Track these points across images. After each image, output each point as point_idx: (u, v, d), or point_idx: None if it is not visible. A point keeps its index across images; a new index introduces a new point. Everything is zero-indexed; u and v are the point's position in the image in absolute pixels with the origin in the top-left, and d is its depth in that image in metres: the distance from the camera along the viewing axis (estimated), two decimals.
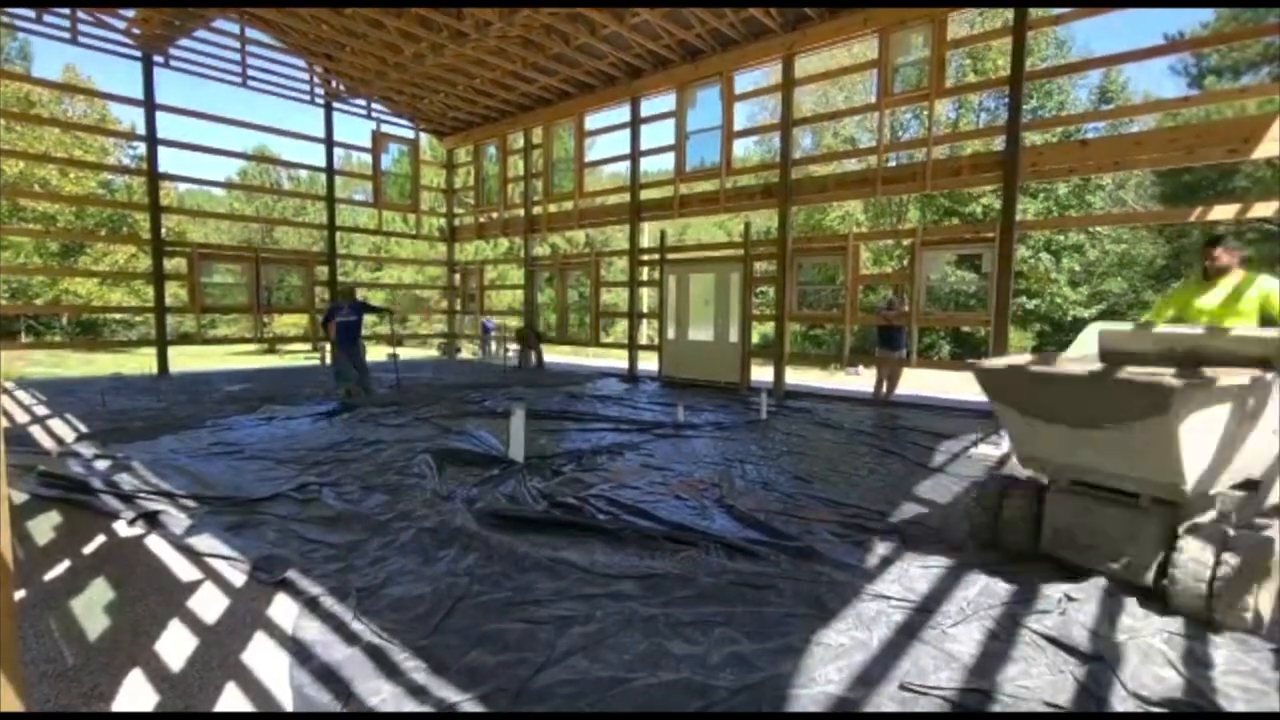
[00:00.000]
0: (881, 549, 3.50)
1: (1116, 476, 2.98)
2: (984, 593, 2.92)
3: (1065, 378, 2.93)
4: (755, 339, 10.93)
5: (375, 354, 12.47)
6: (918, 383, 11.99)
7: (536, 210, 14.31)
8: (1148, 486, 2.90)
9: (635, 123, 12.22)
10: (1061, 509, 3.20)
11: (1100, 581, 2.96)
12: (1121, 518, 2.99)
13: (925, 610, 2.75)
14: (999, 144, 8.54)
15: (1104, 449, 2.91)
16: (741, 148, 26.95)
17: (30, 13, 10.43)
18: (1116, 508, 3.02)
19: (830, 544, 3.55)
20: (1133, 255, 24.48)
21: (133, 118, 30.64)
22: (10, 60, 28.00)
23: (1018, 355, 3.70)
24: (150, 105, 11.73)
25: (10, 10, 10.39)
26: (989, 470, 5.28)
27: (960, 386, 11.74)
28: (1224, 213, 7.39)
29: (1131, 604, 2.78)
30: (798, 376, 13.23)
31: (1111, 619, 2.66)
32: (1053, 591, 2.89)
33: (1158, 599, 2.79)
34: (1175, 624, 2.62)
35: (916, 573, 3.16)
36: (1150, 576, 2.86)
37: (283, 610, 2.75)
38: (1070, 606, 2.75)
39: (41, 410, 7.69)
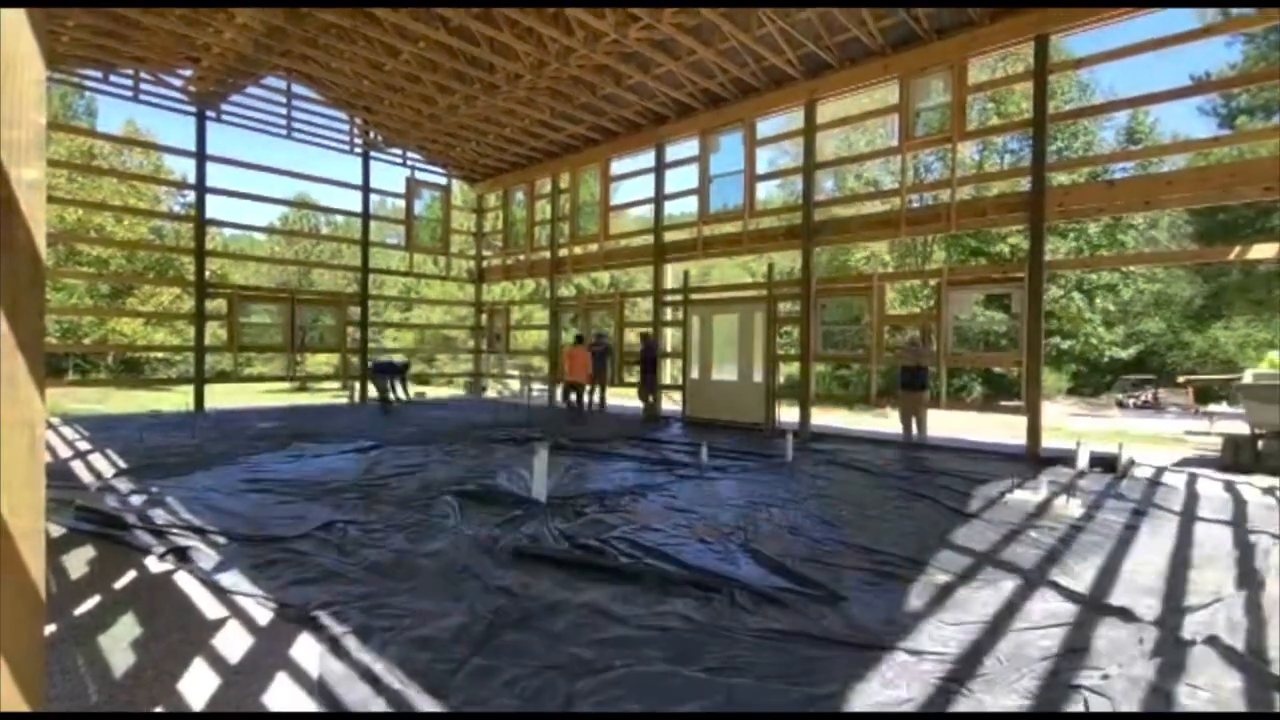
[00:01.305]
0: (915, 600, 3.37)
1: None
2: (1020, 652, 2.78)
3: None
4: (780, 379, 10.86)
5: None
6: (948, 424, 11.73)
7: (562, 252, 14.62)
8: None
9: (659, 167, 12.51)
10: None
11: (1183, 654, 2.64)
12: None
13: (961, 669, 2.63)
14: (1025, 185, 8.53)
15: None
16: (764, 190, 27.33)
17: (97, 72, 11.25)
18: None
19: (861, 592, 3.44)
20: (1169, 295, 23.94)
21: (184, 168, 32.43)
22: (77, 117, 30.02)
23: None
24: (201, 156, 12.42)
25: (79, 71, 11.21)
26: (1027, 517, 5.09)
27: (992, 429, 11.43)
28: (1265, 251, 7.22)
29: (1208, 677, 2.60)
30: (824, 417, 13.04)
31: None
32: (1114, 658, 2.73)
33: None
34: None
35: (950, 629, 3.02)
36: None
37: (306, 650, 2.74)
38: (1125, 674, 2.58)
39: (83, 445, 7.94)
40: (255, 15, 9.11)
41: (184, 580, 3.53)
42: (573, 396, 12.63)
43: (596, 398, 12.91)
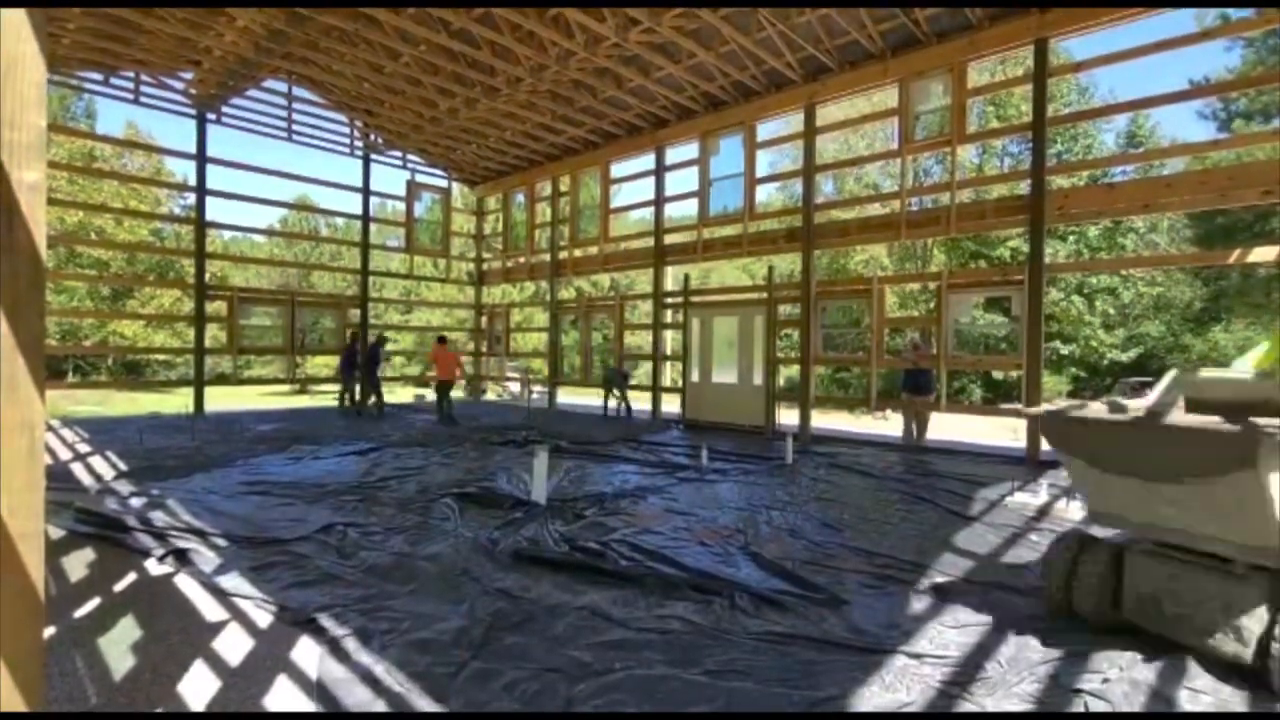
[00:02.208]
0: (916, 603, 3.36)
1: (1205, 538, 2.66)
2: (1020, 655, 2.77)
3: (1135, 426, 2.68)
4: (780, 382, 10.85)
5: (404, 395, 12.64)
6: (948, 427, 11.72)
7: (562, 255, 14.62)
8: (1242, 551, 2.56)
9: (659, 170, 12.53)
10: (1144, 573, 2.85)
11: (1183, 658, 2.64)
12: (1214, 586, 2.63)
13: (962, 672, 2.62)
14: (1024, 188, 8.54)
15: (1187, 506, 2.63)
16: (764, 193, 27.36)
17: (98, 75, 11.26)
18: (1208, 574, 2.67)
19: (862, 596, 3.43)
20: (1169, 298, 23.95)
21: (185, 170, 32.47)
22: (77, 119, 30.06)
23: (1066, 401, 3.47)
24: (201, 158, 12.44)
25: (79, 74, 11.23)
26: (1028, 520, 5.08)
27: (992, 432, 11.43)
28: (1264, 254, 7.22)
29: (1209, 680, 2.53)
30: (824, 420, 13.03)
31: (1171, 694, 2.49)
32: (1115, 661, 2.72)
33: (1259, 680, 2.48)
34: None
35: (951, 632, 3.02)
36: (1250, 654, 2.49)
37: (306, 653, 2.73)
38: (1127, 677, 2.57)
39: (83, 447, 7.93)
40: (256, 18, 9.13)
41: (184, 583, 3.53)
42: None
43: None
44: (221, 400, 16.10)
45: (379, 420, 11.73)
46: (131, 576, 3.60)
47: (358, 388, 12.82)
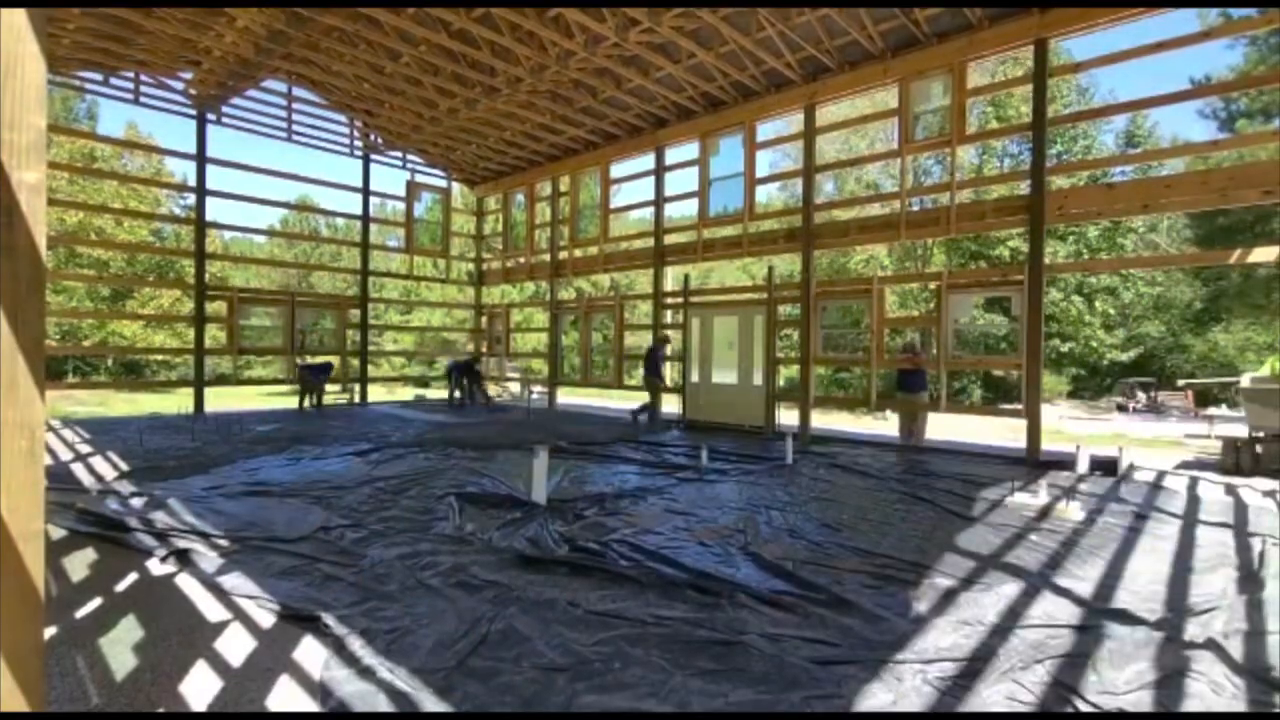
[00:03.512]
0: (916, 604, 3.36)
1: None
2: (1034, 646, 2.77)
3: None
4: (780, 382, 10.85)
5: (404, 395, 12.64)
6: (948, 428, 11.71)
7: (562, 255, 14.63)
8: None
9: (659, 170, 12.53)
10: None
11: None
12: None
13: (963, 671, 2.62)
14: (1024, 188, 8.54)
15: None
16: (764, 193, 27.40)
17: (98, 76, 11.27)
18: None
19: (862, 596, 3.43)
20: (1169, 298, 23.96)
21: (185, 170, 32.47)
22: (78, 120, 30.07)
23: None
24: (201, 158, 12.44)
25: (79, 75, 11.24)
26: (1028, 521, 5.09)
27: (991, 432, 11.42)
28: (1265, 255, 7.23)
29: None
30: (824, 420, 13.04)
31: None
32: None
33: None
34: None
35: (951, 633, 3.02)
36: None
37: (309, 653, 2.73)
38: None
39: (84, 448, 7.93)
40: (257, 19, 9.13)
41: (185, 583, 3.53)
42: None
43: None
44: (222, 400, 16.10)
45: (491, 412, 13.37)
46: (133, 576, 3.60)
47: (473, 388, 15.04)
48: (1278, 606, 3.19)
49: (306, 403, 13.42)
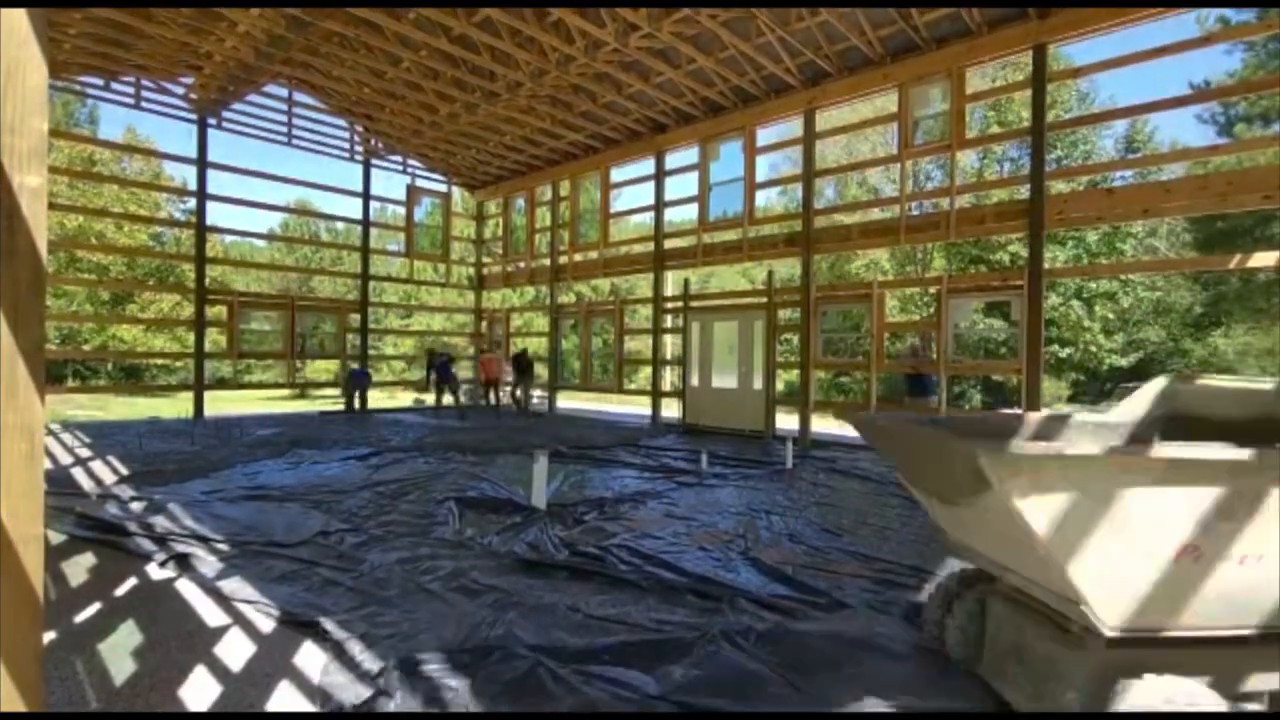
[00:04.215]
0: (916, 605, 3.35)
1: (1027, 581, 2.11)
2: None
3: (913, 434, 2.28)
4: (780, 386, 10.85)
5: (404, 398, 12.66)
6: None
7: (562, 259, 14.64)
8: (1057, 601, 1.99)
9: (659, 175, 12.56)
10: (998, 623, 2.36)
11: None
12: (1048, 647, 2.04)
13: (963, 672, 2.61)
14: (1024, 193, 8.56)
15: (991, 537, 2.11)
16: (764, 197, 27.43)
17: (99, 80, 11.30)
18: (1047, 632, 2.08)
19: (861, 600, 3.42)
20: (1169, 303, 23.96)
21: (185, 174, 32.56)
22: (79, 124, 30.14)
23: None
24: (202, 163, 12.47)
25: (80, 79, 11.27)
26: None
27: None
28: (1265, 259, 7.23)
29: None
30: (824, 425, 13.03)
31: None
32: None
33: None
34: None
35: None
36: None
37: (309, 658, 2.72)
38: None
39: (83, 452, 7.92)
40: (257, 24, 9.17)
41: (185, 587, 3.52)
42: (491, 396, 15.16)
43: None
44: (221, 405, 16.09)
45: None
46: (132, 581, 3.59)
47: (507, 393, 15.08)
48: None
49: (355, 404, 14.07)
